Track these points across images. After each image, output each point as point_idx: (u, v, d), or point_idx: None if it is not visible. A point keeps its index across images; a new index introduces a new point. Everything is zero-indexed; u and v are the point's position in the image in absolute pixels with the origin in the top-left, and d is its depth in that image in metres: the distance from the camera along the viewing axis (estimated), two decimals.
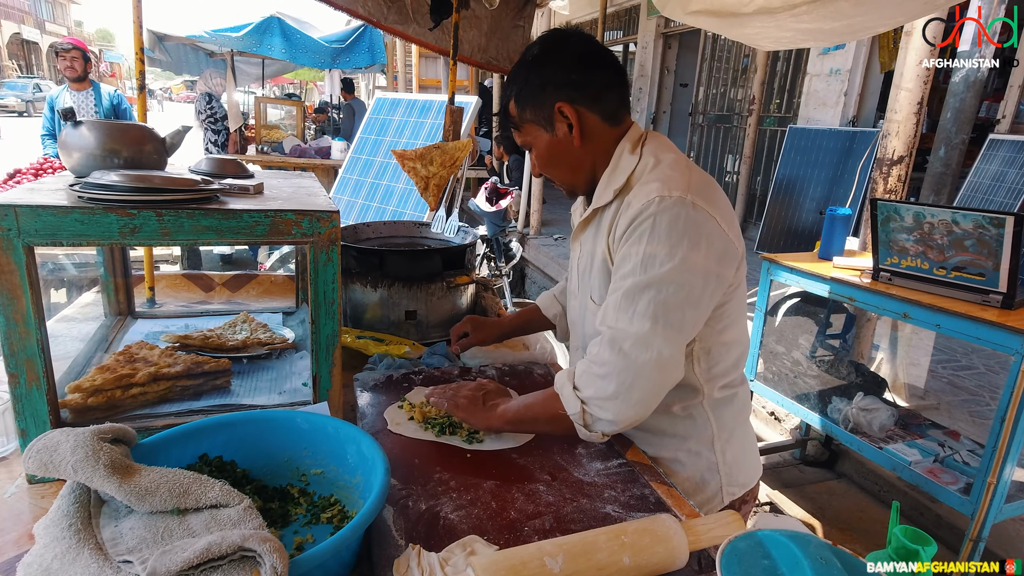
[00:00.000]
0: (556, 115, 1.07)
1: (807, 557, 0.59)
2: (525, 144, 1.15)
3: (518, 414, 1.09)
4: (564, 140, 1.09)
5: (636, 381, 0.96)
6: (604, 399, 0.98)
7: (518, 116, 1.12)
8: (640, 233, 0.99)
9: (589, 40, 1.10)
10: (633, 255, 0.99)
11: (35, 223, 0.88)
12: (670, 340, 0.97)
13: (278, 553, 0.64)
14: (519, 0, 2.65)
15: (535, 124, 1.11)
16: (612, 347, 0.98)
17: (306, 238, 1.03)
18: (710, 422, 1.15)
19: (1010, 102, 5.24)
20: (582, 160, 1.12)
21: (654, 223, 0.98)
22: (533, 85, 1.08)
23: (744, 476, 1.20)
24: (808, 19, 1.53)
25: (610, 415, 0.98)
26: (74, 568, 0.65)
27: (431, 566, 0.76)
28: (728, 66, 7.89)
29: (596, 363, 0.99)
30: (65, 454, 0.74)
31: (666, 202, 0.98)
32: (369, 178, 4.66)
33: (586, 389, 1.00)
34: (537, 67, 1.08)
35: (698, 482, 1.16)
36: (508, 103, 1.13)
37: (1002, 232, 1.84)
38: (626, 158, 1.09)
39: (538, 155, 1.14)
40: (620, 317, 0.98)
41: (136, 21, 1.80)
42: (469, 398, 1.14)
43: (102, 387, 1.08)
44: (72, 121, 1.14)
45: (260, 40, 7.18)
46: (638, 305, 0.97)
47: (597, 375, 0.99)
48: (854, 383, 2.67)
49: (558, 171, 1.15)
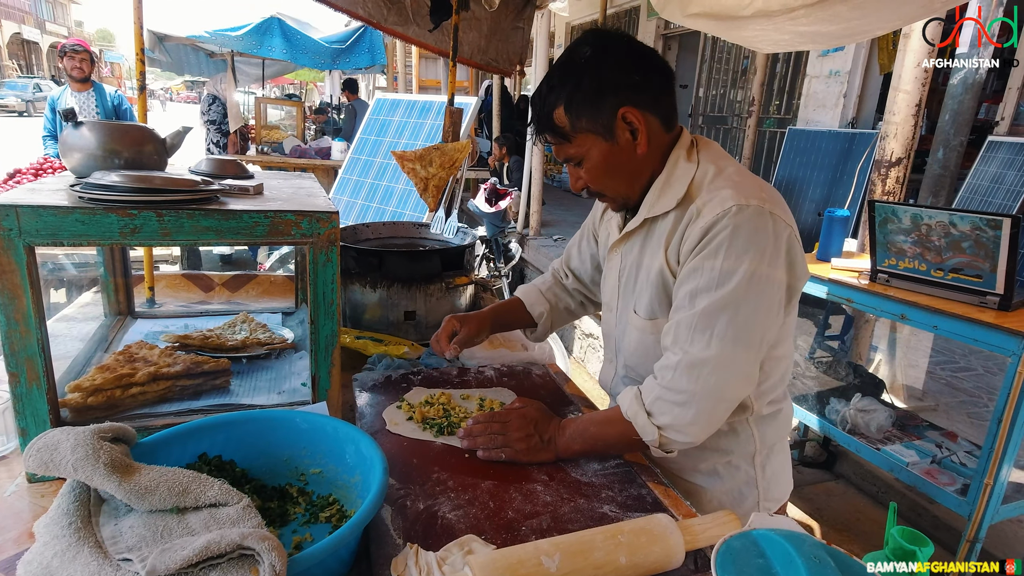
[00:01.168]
0: (619, 121, 0.99)
1: (801, 556, 0.60)
2: (573, 156, 1.05)
3: (587, 444, 1.05)
4: (626, 148, 1.01)
5: (716, 405, 0.96)
6: (684, 425, 0.96)
7: (570, 125, 1.01)
8: (717, 244, 0.94)
9: (637, 41, 1.03)
10: (707, 269, 0.94)
11: (36, 223, 0.89)
12: (748, 361, 0.95)
13: (277, 551, 0.65)
14: (519, 2, 2.66)
15: (592, 133, 1.01)
16: (690, 374, 0.94)
17: (305, 239, 1.03)
18: (753, 437, 1.12)
19: (1009, 104, 5.25)
20: (642, 169, 1.05)
21: (732, 234, 0.93)
22: (588, 90, 0.98)
23: (779, 491, 1.18)
24: (806, 22, 1.54)
25: (689, 438, 0.97)
26: (74, 566, 0.66)
27: (429, 565, 0.77)
28: (728, 67, 7.90)
29: (673, 390, 0.96)
30: (65, 453, 0.74)
31: (745, 212, 0.93)
32: (369, 179, 4.67)
33: (662, 416, 0.97)
34: (592, 69, 0.98)
35: (736, 496, 1.14)
36: (554, 111, 1.01)
37: (999, 234, 1.85)
38: (683, 166, 1.03)
39: (593, 166, 1.04)
40: (696, 339, 0.94)
41: (137, 22, 1.81)
42: (524, 440, 1.05)
43: (102, 386, 1.08)
44: (73, 122, 1.15)
45: (260, 41, 7.19)
46: (716, 327, 0.93)
47: (675, 403, 0.96)
48: (852, 384, 2.68)
49: (616, 183, 1.06)
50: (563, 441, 1.05)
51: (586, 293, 1.41)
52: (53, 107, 4.43)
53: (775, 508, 1.18)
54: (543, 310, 1.38)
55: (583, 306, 1.44)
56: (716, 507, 1.13)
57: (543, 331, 1.40)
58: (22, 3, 34.00)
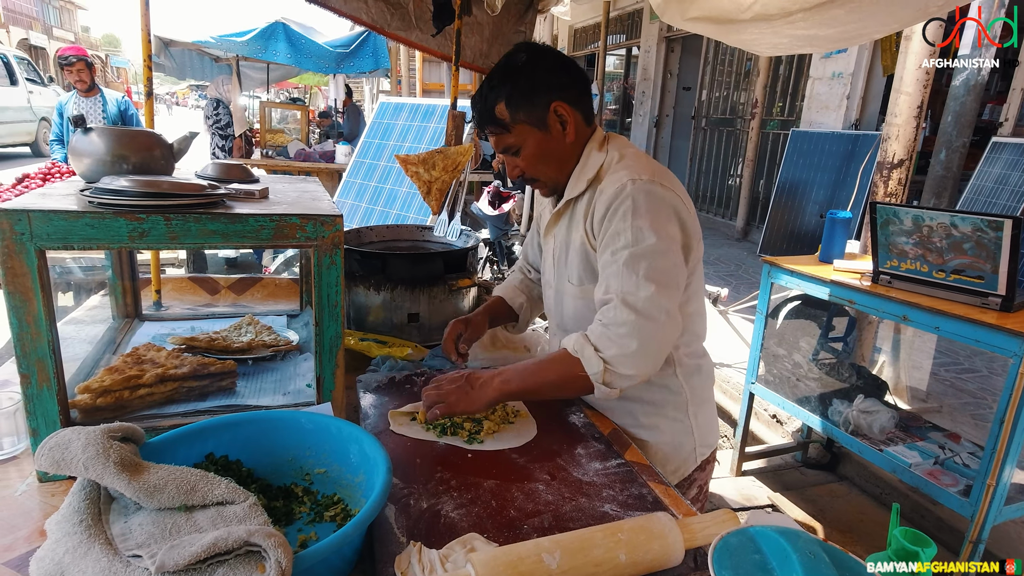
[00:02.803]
0: (551, 114, 1.17)
1: (796, 552, 0.61)
2: (511, 146, 1.21)
3: (524, 383, 1.14)
4: (557, 137, 1.19)
5: (655, 334, 1.06)
6: (627, 355, 1.06)
7: (510, 118, 1.18)
8: (624, 211, 1.10)
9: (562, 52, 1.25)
10: (623, 230, 1.10)
11: (47, 227, 0.91)
12: (672, 299, 1.09)
13: (283, 548, 0.66)
14: (521, 6, 2.68)
15: (528, 124, 1.18)
16: (627, 308, 1.06)
17: (310, 242, 1.05)
18: (683, 390, 1.28)
19: (1013, 105, 5.23)
20: (570, 156, 1.23)
21: (634, 202, 1.10)
22: (525, 88, 1.16)
23: (711, 437, 1.36)
24: (804, 26, 1.55)
25: (632, 370, 1.07)
26: (85, 562, 0.67)
27: (432, 562, 0.78)
28: (731, 70, 7.91)
29: (615, 324, 1.07)
30: (76, 452, 0.76)
31: (639, 184, 1.11)
32: (373, 182, 4.70)
33: (608, 349, 1.06)
34: (528, 71, 1.16)
35: (676, 445, 1.30)
36: (495, 107, 1.18)
37: (1000, 235, 1.85)
38: (595, 155, 1.22)
39: (528, 154, 1.21)
40: (626, 283, 1.08)
41: (144, 29, 1.83)
42: (455, 391, 1.14)
43: (111, 388, 1.10)
44: (82, 128, 1.17)
45: (265, 45, 7.23)
46: (639, 271, 1.07)
47: (619, 335, 1.06)
48: (855, 386, 2.68)
49: (548, 168, 1.23)
50: (498, 382, 1.13)
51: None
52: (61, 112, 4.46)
53: (708, 453, 1.36)
54: (521, 301, 1.52)
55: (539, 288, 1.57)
56: (660, 457, 1.30)
57: (524, 321, 1.54)
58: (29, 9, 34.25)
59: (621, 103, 11.14)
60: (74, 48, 4.42)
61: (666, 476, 1.26)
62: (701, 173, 8.63)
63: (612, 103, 11.41)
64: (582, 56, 11.96)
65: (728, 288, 4.81)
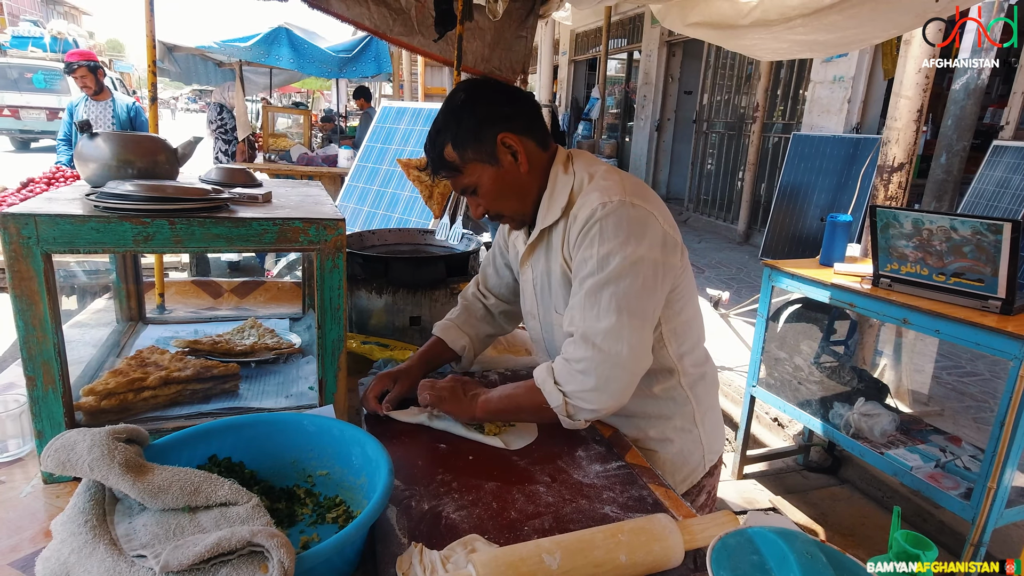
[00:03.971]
0: (499, 147, 1.13)
1: (794, 552, 0.61)
2: (468, 186, 1.17)
3: (500, 404, 1.16)
4: (510, 170, 1.15)
5: (613, 371, 1.04)
6: (585, 391, 1.05)
7: (459, 159, 1.14)
8: (591, 238, 1.07)
9: (502, 82, 1.23)
10: (588, 258, 1.07)
11: (53, 231, 0.92)
12: (636, 328, 1.05)
13: (285, 548, 0.67)
14: (522, 12, 2.69)
15: (478, 162, 1.14)
16: (585, 344, 1.05)
17: (313, 245, 1.06)
18: (690, 400, 1.26)
19: (1014, 108, 5.23)
20: (529, 186, 1.19)
21: (602, 226, 1.07)
22: (469, 126, 1.13)
23: (718, 444, 1.35)
24: (804, 31, 1.56)
25: (592, 405, 1.06)
26: (90, 562, 0.68)
27: (433, 563, 0.79)
28: (732, 73, 7.92)
29: (573, 360, 1.06)
30: (82, 453, 0.77)
31: (609, 206, 1.07)
32: (375, 186, 4.71)
33: (567, 384, 1.07)
34: (470, 108, 1.14)
35: (686, 455, 1.29)
36: (443, 150, 1.15)
37: (1000, 238, 1.85)
38: (562, 178, 1.18)
39: (486, 191, 1.17)
40: (587, 315, 1.06)
41: (149, 35, 1.85)
42: (449, 390, 1.19)
43: (115, 390, 1.11)
44: (88, 133, 1.18)
45: (268, 50, 7.27)
46: (601, 302, 1.05)
47: (577, 371, 1.05)
48: (856, 389, 2.68)
49: (508, 202, 1.19)
50: (480, 400, 1.17)
51: (508, 308, 1.48)
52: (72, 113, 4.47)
53: (715, 459, 1.35)
54: (464, 343, 1.42)
55: (503, 324, 1.50)
56: (670, 467, 1.28)
57: (467, 362, 1.44)
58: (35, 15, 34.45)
59: (623, 107, 11.17)
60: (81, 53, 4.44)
61: (676, 485, 1.28)
62: (703, 177, 8.64)
63: (614, 107, 11.44)
64: (584, 60, 12.00)
65: (729, 291, 4.81)
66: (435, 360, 1.40)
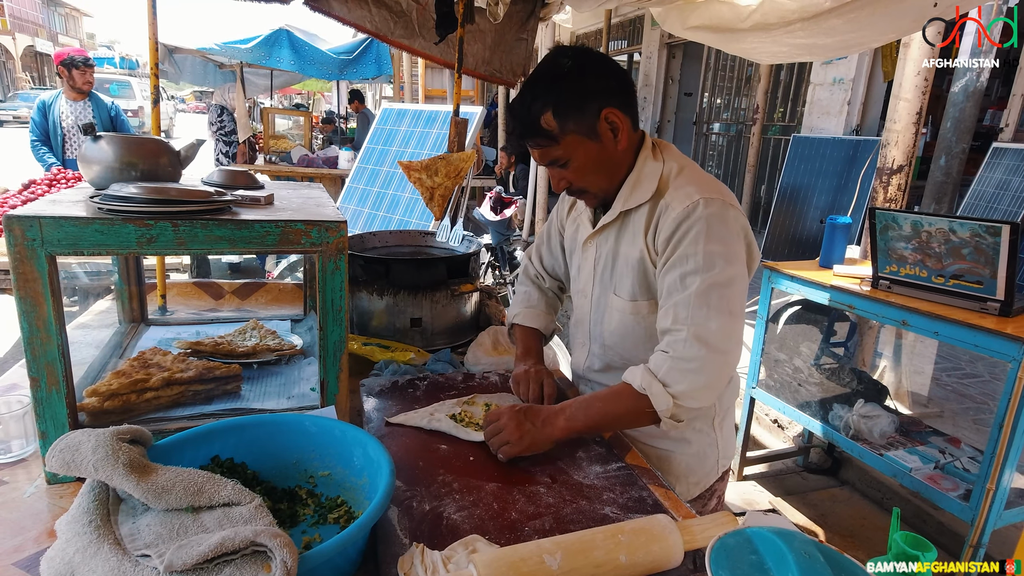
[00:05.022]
0: (602, 122, 1.10)
1: (792, 552, 0.62)
2: (559, 158, 1.13)
3: (590, 419, 1.11)
4: (608, 146, 1.13)
5: (723, 370, 1.06)
6: (697, 390, 1.05)
7: (559, 128, 1.09)
8: (696, 234, 1.06)
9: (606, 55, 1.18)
10: (692, 255, 1.06)
11: (58, 233, 0.92)
12: (739, 328, 1.08)
13: (288, 548, 0.67)
14: (522, 14, 2.70)
15: (577, 134, 1.10)
16: (699, 344, 1.04)
17: (314, 247, 1.07)
18: (714, 403, 1.24)
19: (1014, 110, 5.24)
20: (622, 165, 1.17)
21: (708, 224, 1.06)
22: (574, 95, 1.08)
23: (731, 449, 1.36)
24: (803, 35, 1.57)
25: (699, 403, 1.07)
26: (95, 561, 0.69)
27: (434, 564, 0.79)
28: (732, 75, 7.94)
29: (685, 359, 1.05)
30: (86, 453, 0.77)
31: (712, 205, 1.07)
32: (376, 187, 4.72)
33: (678, 384, 1.05)
34: (576, 78, 1.08)
35: (701, 457, 1.28)
36: (540, 117, 1.09)
37: (998, 240, 1.86)
38: (651, 164, 1.16)
39: (579, 165, 1.13)
40: (697, 314, 1.05)
41: (152, 38, 1.86)
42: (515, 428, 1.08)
43: (118, 391, 1.11)
44: (92, 136, 1.19)
45: (269, 52, 7.27)
46: (711, 302, 1.05)
47: (689, 370, 1.05)
48: (856, 390, 2.68)
49: (598, 178, 1.17)
50: (563, 419, 1.11)
51: (561, 286, 1.53)
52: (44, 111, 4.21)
53: (727, 464, 1.35)
54: (553, 327, 1.47)
55: (557, 304, 1.55)
56: (684, 469, 1.27)
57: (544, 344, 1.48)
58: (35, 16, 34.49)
59: None
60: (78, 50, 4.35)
61: (689, 488, 1.28)
62: None
63: None
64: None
65: None
66: (540, 350, 1.42)
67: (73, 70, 4.14)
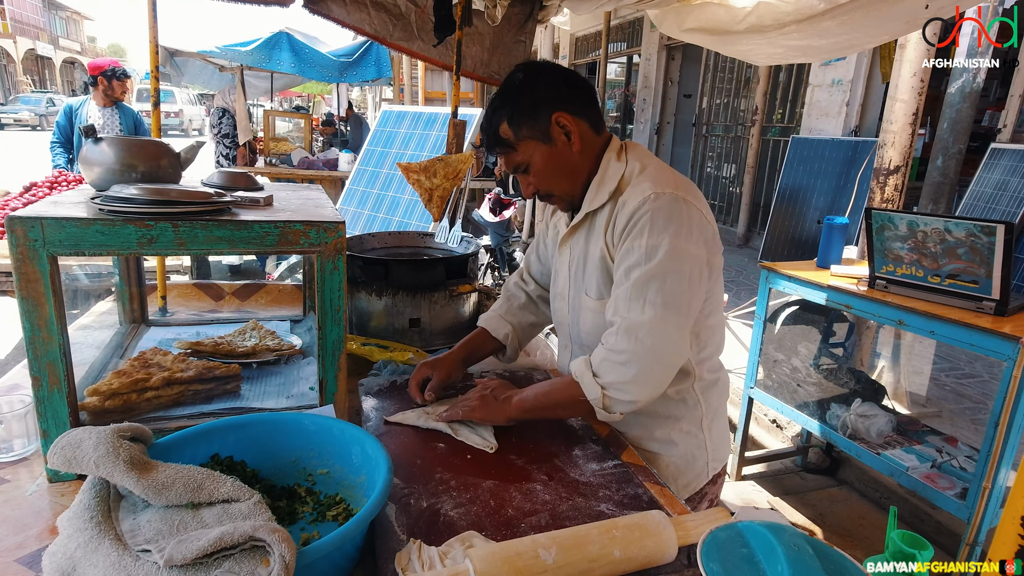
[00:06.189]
0: (554, 126, 1.15)
1: (782, 545, 0.63)
2: (521, 163, 1.19)
3: (536, 402, 1.17)
4: (563, 149, 1.18)
5: (653, 364, 1.06)
6: (625, 382, 1.07)
7: (514, 136, 1.17)
8: (641, 227, 1.09)
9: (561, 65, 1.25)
10: (636, 248, 1.09)
11: (59, 234, 0.94)
12: (679, 325, 1.08)
13: (287, 543, 0.69)
14: (520, 17, 2.72)
15: (532, 140, 1.17)
16: (628, 335, 1.06)
17: (314, 248, 1.08)
18: (700, 404, 1.27)
19: (1011, 111, 5.25)
20: (580, 167, 1.21)
21: (652, 217, 1.08)
22: (526, 104, 1.15)
23: (723, 452, 1.35)
24: (797, 37, 1.58)
25: (630, 396, 1.07)
26: (96, 556, 0.70)
27: (431, 559, 0.80)
28: (731, 77, 7.96)
29: (615, 351, 1.07)
30: (87, 450, 0.78)
31: (662, 198, 1.09)
32: (375, 189, 4.74)
33: (606, 376, 1.08)
34: (527, 87, 1.16)
35: (689, 459, 1.28)
36: (499, 127, 1.18)
37: (993, 240, 1.87)
38: (614, 165, 1.20)
39: (538, 169, 1.19)
40: (632, 307, 1.07)
41: (152, 40, 1.87)
42: (480, 399, 1.20)
43: (119, 391, 1.13)
44: (93, 137, 1.20)
45: (269, 55, 7.30)
46: (647, 294, 1.06)
47: (617, 362, 1.07)
48: (853, 390, 2.69)
49: (559, 181, 1.21)
50: (517, 398, 1.18)
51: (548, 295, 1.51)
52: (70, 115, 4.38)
53: (719, 467, 1.34)
54: (507, 332, 1.45)
55: (545, 311, 1.52)
56: (672, 471, 1.28)
57: (512, 352, 1.47)
58: (36, 19, 34.57)
59: (623, 110, 11.21)
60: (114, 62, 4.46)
61: (678, 491, 1.28)
62: (702, 180, 8.66)
63: (614, 110, 11.48)
64: (584, 64, 12.03)
65: (728, 294, 4.82)
66: (477, 350, 1.43)
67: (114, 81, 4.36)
